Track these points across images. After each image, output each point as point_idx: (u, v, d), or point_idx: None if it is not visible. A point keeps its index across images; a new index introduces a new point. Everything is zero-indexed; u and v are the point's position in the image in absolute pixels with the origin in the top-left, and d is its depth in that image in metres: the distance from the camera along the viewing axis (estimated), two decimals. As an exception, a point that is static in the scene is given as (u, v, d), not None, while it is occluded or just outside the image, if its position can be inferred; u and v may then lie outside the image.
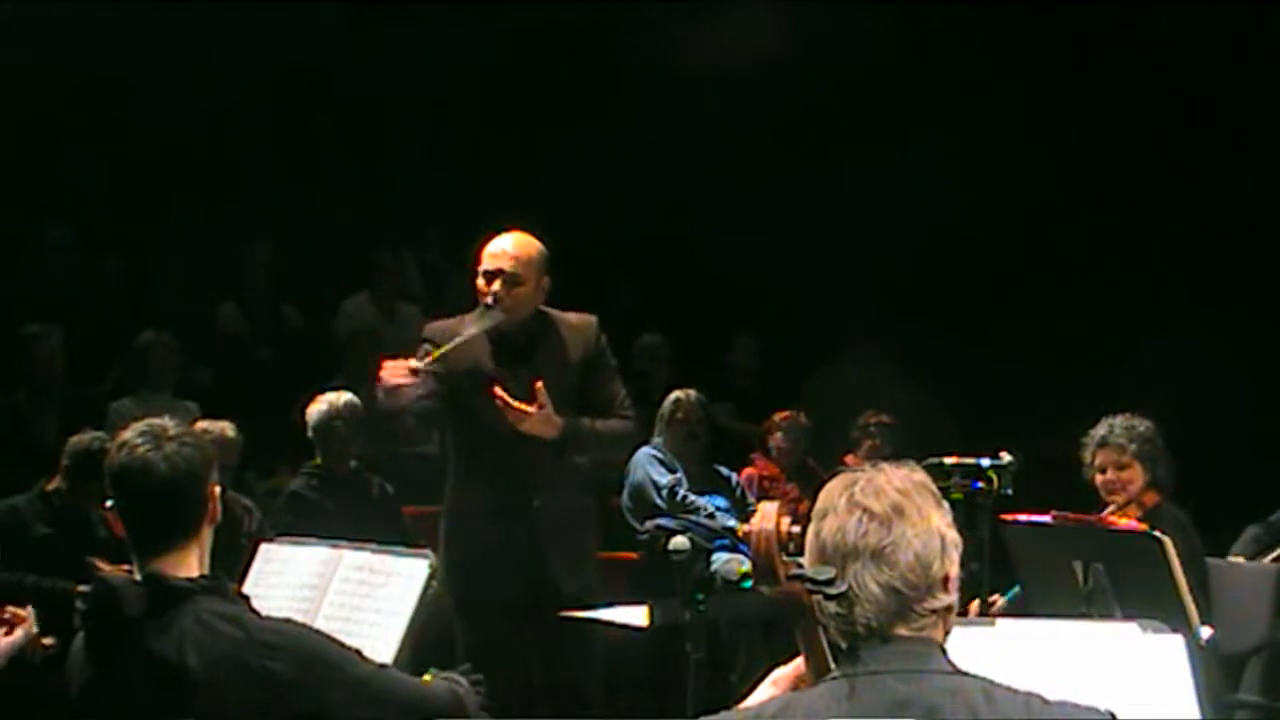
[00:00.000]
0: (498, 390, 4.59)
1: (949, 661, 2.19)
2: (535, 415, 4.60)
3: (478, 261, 4.77)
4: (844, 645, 2.21)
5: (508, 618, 4.72)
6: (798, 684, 2.32)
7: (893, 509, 2.19)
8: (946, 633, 2.23)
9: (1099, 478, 5.18)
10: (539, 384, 4.61)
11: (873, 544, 2.17)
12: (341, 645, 2.94)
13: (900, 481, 2.23)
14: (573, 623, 4.50)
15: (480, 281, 4.74)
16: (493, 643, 4.65)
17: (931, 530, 2.20)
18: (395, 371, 4.46)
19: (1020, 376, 8.21)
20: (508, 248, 4.75)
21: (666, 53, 9.31)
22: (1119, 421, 5.19)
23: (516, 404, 4.58)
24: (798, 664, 2.33)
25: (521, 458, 4.72)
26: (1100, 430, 5.20)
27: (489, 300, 4.68)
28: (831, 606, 2.18)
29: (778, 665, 2.38)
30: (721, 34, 9.31)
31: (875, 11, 8.94)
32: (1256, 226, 8.42)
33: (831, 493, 2.24)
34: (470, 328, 4.67)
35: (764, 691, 2.35)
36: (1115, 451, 5.14)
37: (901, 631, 2.18)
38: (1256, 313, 8.15)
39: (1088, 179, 9.01)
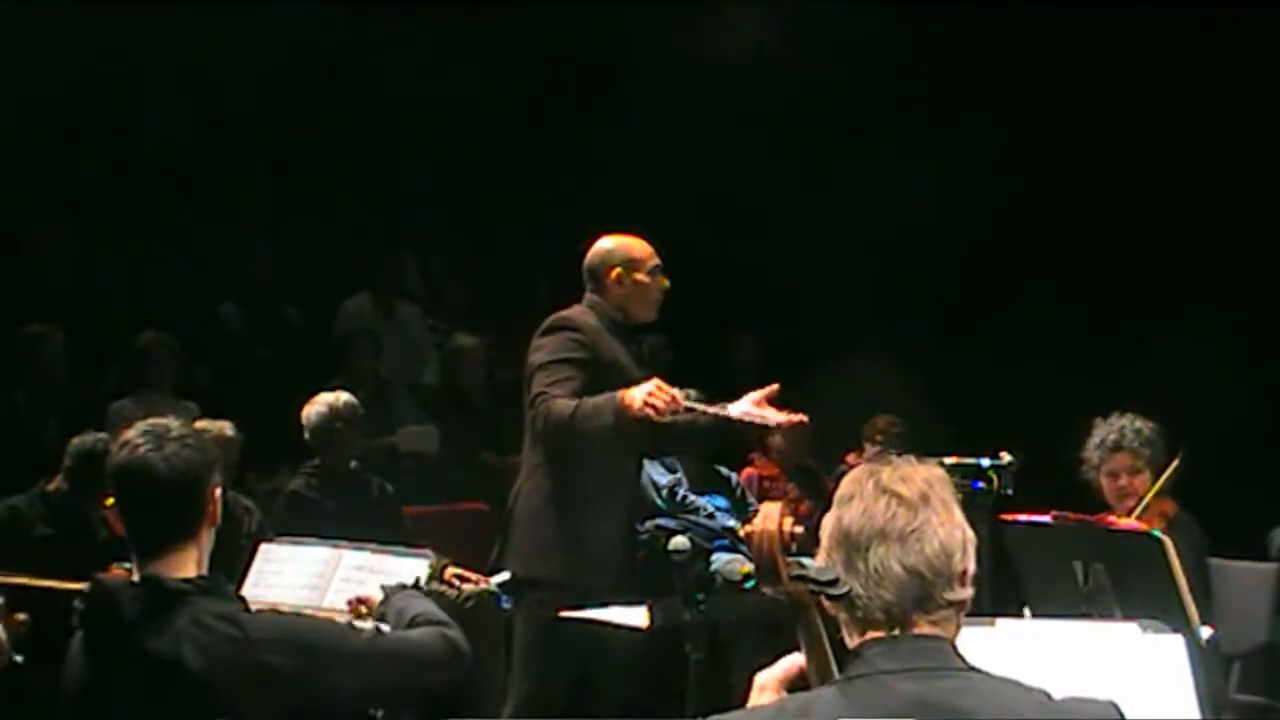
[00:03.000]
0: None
1: (961, 658, 2.19)
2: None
3: (635, 263, 4.97)
4: (855, 639, 2.20)
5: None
6: (789, 684, 2.32)
7: (920, 497, 2.21)
8: (958, 629, 2.23)
9: (1110, 482, 5.12)
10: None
11: (900, 527, 2.19)
12: (331, 623, 2.95)
13: (926, 473, 2.26)
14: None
15: (654, 280, 5.00)
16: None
17: (955, 522, 2.23)
18: (664, 398, 4.54)
19: (1020, 376, 8.20)
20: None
21: (668, 52, 9.31)
22: (1128, 424, 5.11)
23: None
24: (785, 665, 2.33)
25: (633, 457, 4.98)
26: (1110, 434, 5.12)
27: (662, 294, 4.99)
28: (852, 586, 2.18)
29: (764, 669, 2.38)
30: (721, 32, 9.31)
31: (874, 9, 8.94)
32: (1259, 225, 8.42)
33: (857, 480, 2.26)
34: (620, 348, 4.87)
35: (755, 698, 2.34)
36: (1131, 456, 5.08)
37: (919, 625, 2.18)
38: (1259, 311, 8.15)
39: (1089, 178, 9.01)
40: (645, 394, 4.50)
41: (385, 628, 3.17)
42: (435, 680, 2.98)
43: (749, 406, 4.79)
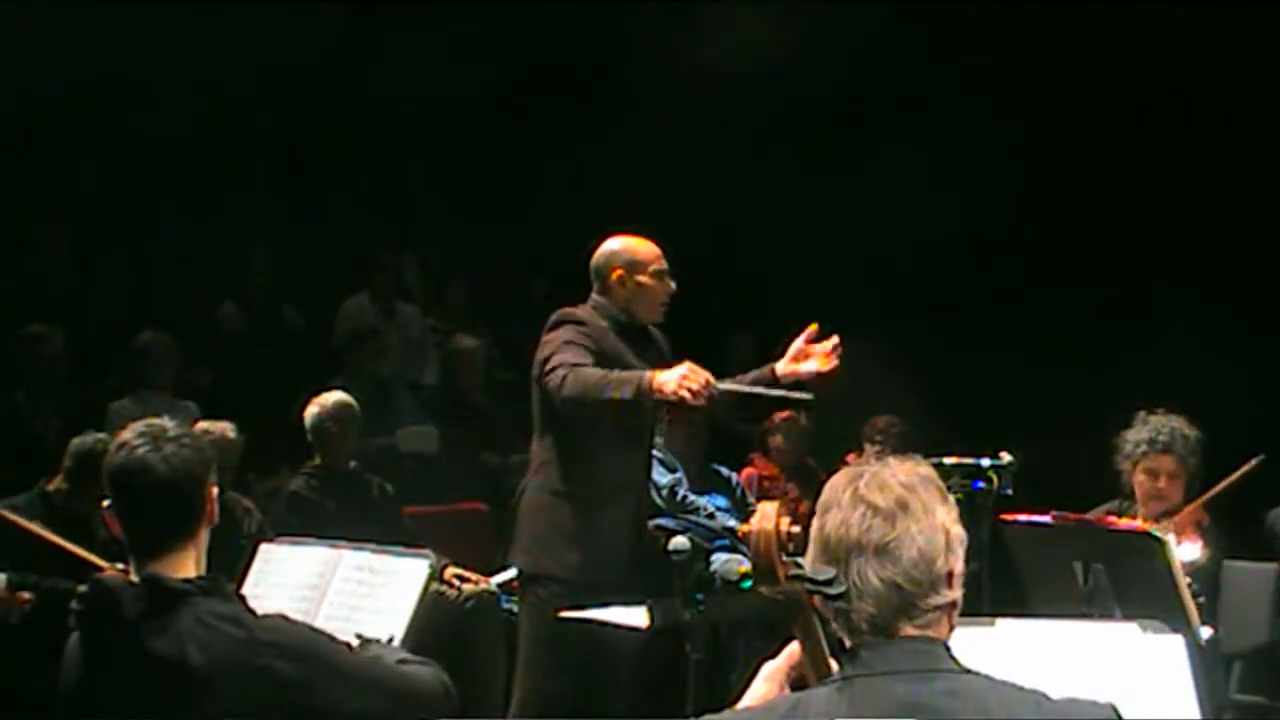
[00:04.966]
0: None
1: (954, 660, 2.18)
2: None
3: (639, 265, 4.97)
4: (847, 644, 2.20)
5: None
6: (792, 674, 2.31)
7: (897, 504, 2.17)
8: (951, 629, 2.21)
9: (1146, 480, 4.99)
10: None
11: (876, 539, 2.16)
12: (332, 638, 2.96)
13: (905, 476, 2.21)
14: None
15: (659, 283, 4.98)
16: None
17: (936, 526, 2.19)
18: (698, 381, 4.45)
19: (1020, 376, 8.20)
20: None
21: (667, 54, 9.30)
22: (1178, 428, 4.97)
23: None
24: (789, 653, 2.33)
25: (647, 448, 5.01)
26: (1161, 435, 4.97)
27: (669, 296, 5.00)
28: (835, 602, 2.17)
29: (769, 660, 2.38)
30: (721, 34, 9.31)
31: (874, 9, 8.94)
32: (1260, 223, 8.41)
33: (836, 487, 2.23)
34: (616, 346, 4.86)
35: (759, 687, 2.34)
36: (1177, 461, 4.96)
37: (906, 630, 2.16)
38: (1260, 311, 8.14)
39: (1089, 178, 9.01)
40: (679, 378, 4.41)
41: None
42: (427, 714, 3.00)
43: (787, 365, 4.93)
